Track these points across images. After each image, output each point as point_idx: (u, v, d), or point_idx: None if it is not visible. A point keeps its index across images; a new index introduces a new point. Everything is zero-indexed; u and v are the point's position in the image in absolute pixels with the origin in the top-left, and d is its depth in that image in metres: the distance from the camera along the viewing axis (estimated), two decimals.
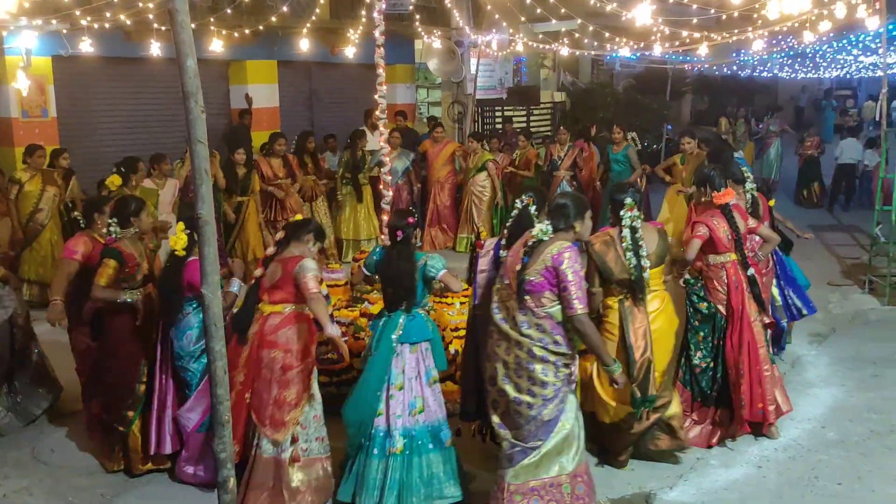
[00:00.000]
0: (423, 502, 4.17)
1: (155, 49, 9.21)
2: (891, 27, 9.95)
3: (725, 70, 22.19)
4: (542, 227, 3.92)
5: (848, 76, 28.43)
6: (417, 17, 10.88)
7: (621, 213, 4.66)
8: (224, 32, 9.91)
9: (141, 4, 8.03)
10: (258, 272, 4.38)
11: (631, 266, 4.57)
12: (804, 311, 6.39)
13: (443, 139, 10.71)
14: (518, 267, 3.88)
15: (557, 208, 4.04)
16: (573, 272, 3.77)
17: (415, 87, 15.45)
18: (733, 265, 5.13)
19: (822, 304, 7.86)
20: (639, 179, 9.51)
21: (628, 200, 4.65)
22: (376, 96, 6.78)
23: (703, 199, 5.45)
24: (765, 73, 25.77)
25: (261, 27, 10.16)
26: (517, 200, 4.64)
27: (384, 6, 6.68)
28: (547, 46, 12.71)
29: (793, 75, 26.44)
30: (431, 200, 10.53)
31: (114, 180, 6.68)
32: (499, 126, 14.83)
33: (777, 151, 14.41)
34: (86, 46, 8.51)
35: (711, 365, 5.17)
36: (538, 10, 9.88)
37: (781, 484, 4.62)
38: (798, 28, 10.18)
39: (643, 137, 9.81)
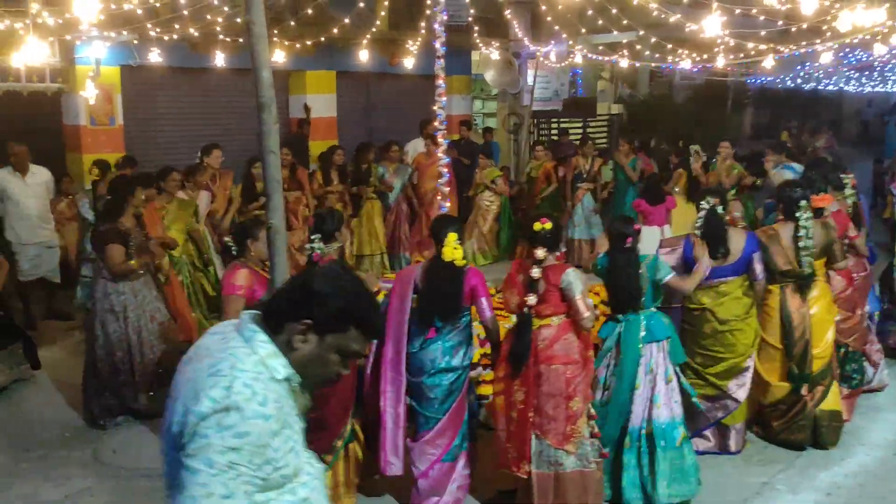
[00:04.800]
0: (671, 497, 4.38)
1: (219, 60, 9.40)
2: None
3: (789, 83, 21.64)
4: None
5: None
6: (476, 28, 10.87)
7: (797, 212, 5.01)
8: (286, 43, 10.07)
9: (209, 17, 8.19)
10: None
11: (799, 260, 5.01)
12: None
13: (434, 155, 10.26)
14: None
15: None
16: None
17: (471, 98, 15.46)
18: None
19: None
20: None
21: (803, 202, 5.02)
22: (435, 107, 6.78)
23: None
24: (830, 87, 25.07)
25: (322, 38, 10.27)
26: (702, 202, 4.93)
27: (445, 17, 6.70)
28: (607, 58, 12.57)
29: (859, 89, 25.65)
30: (423, 214, 9.90)
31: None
32: (554, 137, 14.74)
33: None
34: (154, 57, 8.74)
35: None
36: (599, 21, 9.77)
37: None
38: (869, 40, 9.87)
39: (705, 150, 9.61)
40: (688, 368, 4.96)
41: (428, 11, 9.55)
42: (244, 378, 1.79)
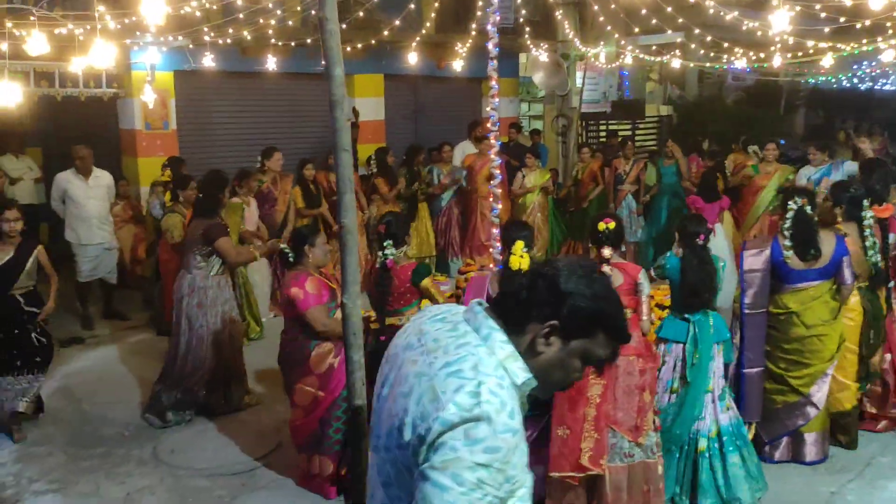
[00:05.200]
0: (749, 497, 4.39)
1: (271, 64, 9.49)
2: None
3: (844, 82, 21.07)
4: None
5: None
6: (527, 30, 10.79)
7: (863, 212, 5.01)
8: None
9: (262, 20, 8.27)
10: None
11: (872, 261, 5.01)
12: None
13: (486, 156, 10.20)
14: None
15: None
16: None
17: (518, 100, 15.38)
18: None
19: None
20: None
21: (866, 202, 5.01)
22: (488, 108, 6.72)
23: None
24: (887, 86, 24.31)
25: (372, 42, 10.31)
26: (790, 202, 4.82)
27: (498, 19, 6.64)
28: (658, 58, 12.38)
29: None
30: (477, 216, 9.87)
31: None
32: (602, 139, 14.58)
33: None
34: (207, 61, 8.85)
35: None
36: (653, 21, 9.61)
37: None
38: None
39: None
40: (769, 375, 4.90)
41: (479, 13, 9.55)
42: (490, 384, 1.63)
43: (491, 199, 6.86)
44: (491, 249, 6.83)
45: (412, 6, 9.67)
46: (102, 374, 6.89)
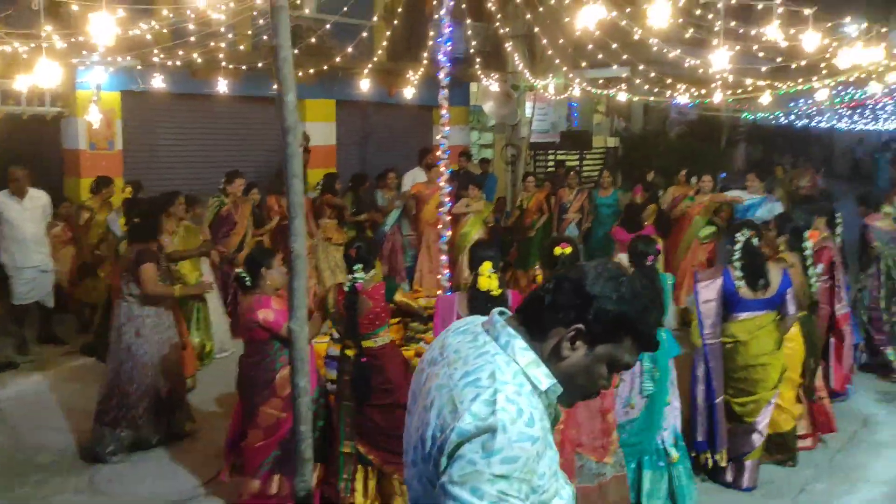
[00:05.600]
0: None
1: (221, 87, 9.44)
2: None
3: (782, 119, 21.92)
4: None
5: None
6: (478, 60, 10.98)
7: (803, 244, 5.27)
8: None
9: (213, 43, 8.24)
10: None
11: (811, 290, 5.27)
12: None
13: (435, 184, 10.06)
14: None
15: None
16: None
17: (468, 128, 15.58)
18: None
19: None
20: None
21: (806, 233, 5.26)
22: (438, 136, 6.80)
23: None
24: (822, 124, 25.38)
25: (324, 67, 10.35)
26: (738, 234, 5.01)
27: (449, 49, 6.75)
28: (604, 92, 12.71)
29: (851, 126, 26.00)
30: (424, 244, 9.76)
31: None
32: (552, 169, 14.82)
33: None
34: (156, 82, 8.77)
35: None
36: (599, 56, 9.89)
37: None
38: (864, 78, 10.03)
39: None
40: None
41: (430, 42, 9.68)
42: (507, 392, 1.59)
43: (440, 227, 6.93)
44: (439, 276, 6.89)
45: (364, 34, 9.75)
46: (38, 399, 6.66)
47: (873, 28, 8.08)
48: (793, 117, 21.54)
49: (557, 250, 4.31)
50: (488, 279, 4.19)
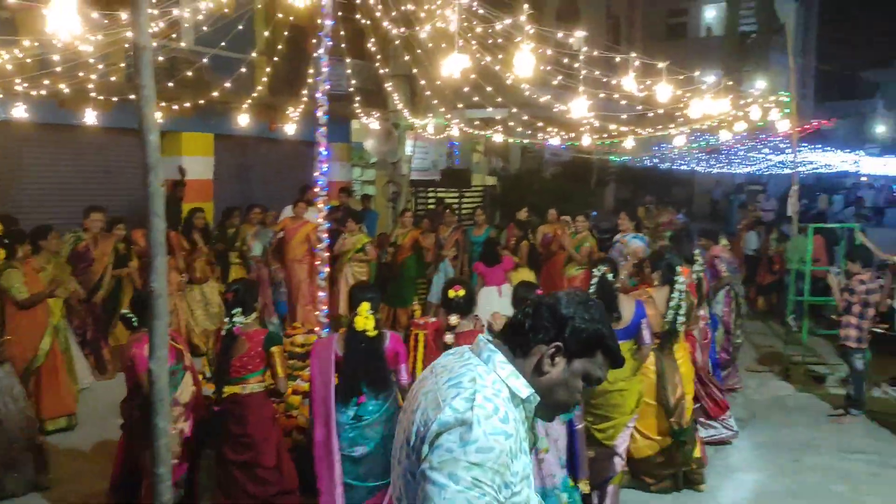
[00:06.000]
0: None
1: (90, 117, 9.11)
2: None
3: (647, 162, 23.32)
4: None
5: (758, 172, 30.28)
6: (357, 98, 11.12)
7: (675, 277, 5.53)
8: (162, 104, 9.89)
9: (81, 74, 7.97)
10: None
11: (668, 320, 5.51)
12: None
13: (300, 219, 9.88)
14: None
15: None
16: None
17: (350, 165, 15.65)
18: None
19: (741, 389, 8.18)
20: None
21: (678, 267, 5.53)
22: (316, 173, 6.84)
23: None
24: (683, 167, 27.17)
25: (201, 101, 10.18)
26: (594, 270, 5.29)
27: (328, 86, 6.84)
28: (482, 132, 13.14)
29: (708, 170, 27.97)
30: (293, 280, 9.71)
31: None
32: (432, 206, 15.08)
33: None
34: (19, 112, 8.37)
35: None
36: (475, 98, 10.24)
37: None
38: (716, 126, 10.90)
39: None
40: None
41: (310, 80, 9.72)
42: (485, 392, 1.79)
43: (318, 263, 6.93)
44: (316, 312, 6.87)
45: (244, 69, 9.68)
46: None
47: (721, 81, 8.84)
48: (656, 160, 22.96)
49: (451, 293, 4.44)
50: (365, 319, 4.26)
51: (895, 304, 8.18)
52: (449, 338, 4.34)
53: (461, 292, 4.44)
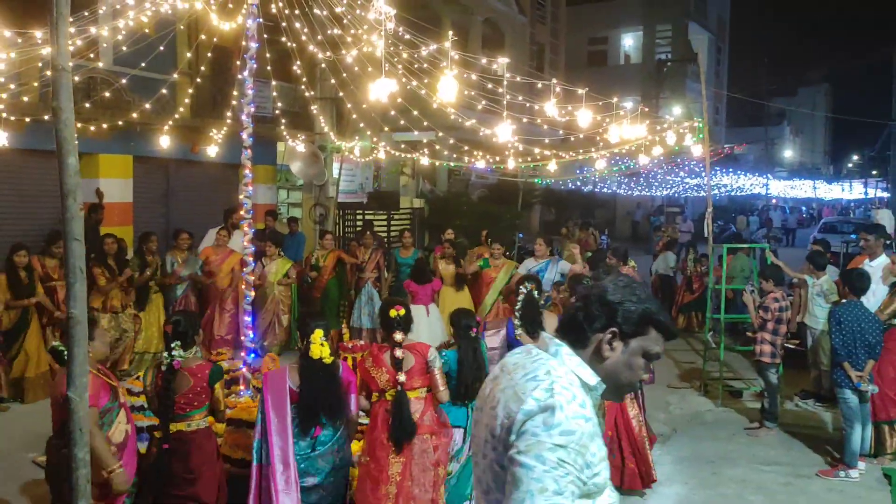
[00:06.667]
0: None
1: (1, 139, 8.74)
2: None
3: (570, 185, 23.87)
4: None
5: (676, 195, 31.41)
6: (283, 121, 11.05)
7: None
8: (79, 125, 9.57)
9: None
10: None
11: None
12: None
13: (225, 248, 9.74)
14: None
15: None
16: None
17: (276, 187, 15.48)
18: None
19: (662, 405, 8.43)
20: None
21: None
22: (241, 196, 6.75)
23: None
24: (605, 190, 27.94)
25: (119, 122, 9.92)
26: (521, 287, 5.39)
27: (253, 109, 6.78)
28: (409, 155, 13.22)
29: (629, 192, 28.85)
30: (218, 308, 9.47)
31: None
32: (359, 228, 15.05)
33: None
34: None
35: None
36: (401, 122, 10.32)
37: None
38: (634, 150, 11.28)
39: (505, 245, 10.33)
40: None
41: (234, 102, 9.61)
42: (562, 382, 1.92)
43: (244, 287, 6.82)
44: (242, 337, 6.73)
45: (165, 90, 9.50)
46: None
47: (639, 107, 9.17)
48: (579, 183, 23.54)
49: (392, 313, 4.50)
50: (320, 347, 4.25)
51: (805, 321, 8.57)
52: (399, 352, 4.43)
53: (402, 311, 4.52)
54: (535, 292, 5.48)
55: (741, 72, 43.76)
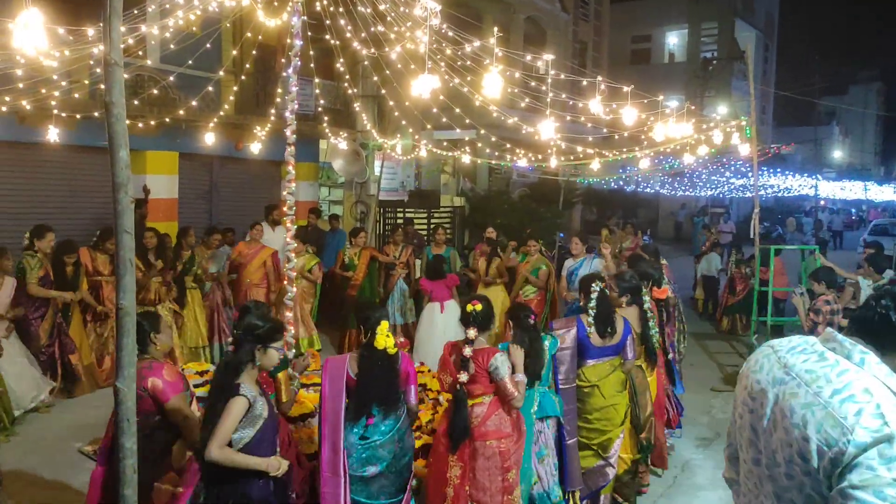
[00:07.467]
0: None
1: (52, 135, 8.95)
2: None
3: (613, 184, 23.63)
4: None
5: (721, 195, 30.86)
6: (326, 118, 11.13)
7: (644, 298, 5.70)
8: (127, 122, 9.75)
9: (44, 91, 7.86)
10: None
11: (655, 339, 5.75)
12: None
13: (257, 243, 9.67)
14: None
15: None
16: None
17: (318, 185, 15.61)
18: None
19: (705, 409, 8.28)
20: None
21: (644, 288, 5.76)
22: (285, 193, 6.80)
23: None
24: (648, 189, 27.59)
25: (167, 119, 10.09)
26: (593, 285, 5.28)
27: (297, 106, 6.83)
28: (450, 153, 13.21)
29: (673, 192, 28.44)
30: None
31: None
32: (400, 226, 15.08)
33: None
34: None
35: None
36: (443, 119, 10.31)
37: None
38: (679, 150, 11.10)
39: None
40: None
41: (277, 99, 9.70)
42: (886, 404, 1.72)
43: (285, 283, 6.87)
44: (286, 333, 6.77)
45: (210, 88, 9.63)
46: None
47: (684, 105, 9.02)
48: (622, 182, 23.29)
49: (469, 307, 4.51)
50: (385, 338, 4.30)
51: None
52: (468, 351, 4.42)
53: (478, 306, 4.50)
54: (607, 290, 5.42)
55: (789, 70, 42.85)
